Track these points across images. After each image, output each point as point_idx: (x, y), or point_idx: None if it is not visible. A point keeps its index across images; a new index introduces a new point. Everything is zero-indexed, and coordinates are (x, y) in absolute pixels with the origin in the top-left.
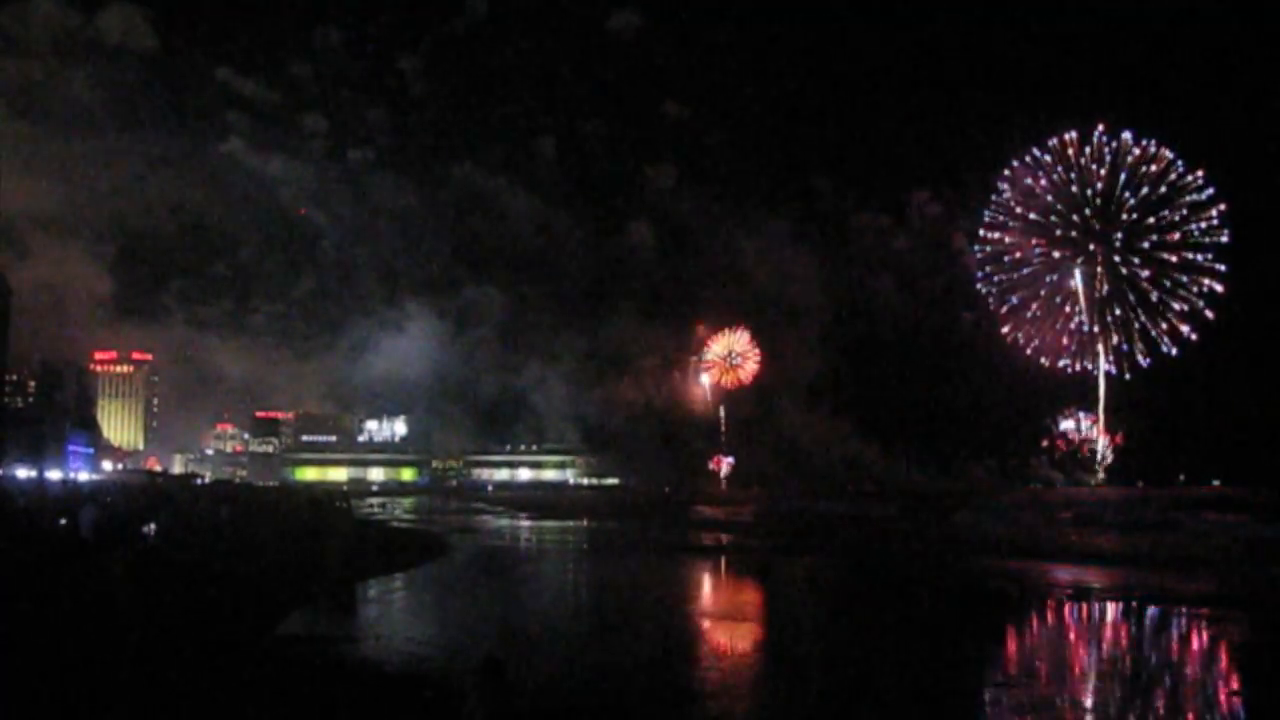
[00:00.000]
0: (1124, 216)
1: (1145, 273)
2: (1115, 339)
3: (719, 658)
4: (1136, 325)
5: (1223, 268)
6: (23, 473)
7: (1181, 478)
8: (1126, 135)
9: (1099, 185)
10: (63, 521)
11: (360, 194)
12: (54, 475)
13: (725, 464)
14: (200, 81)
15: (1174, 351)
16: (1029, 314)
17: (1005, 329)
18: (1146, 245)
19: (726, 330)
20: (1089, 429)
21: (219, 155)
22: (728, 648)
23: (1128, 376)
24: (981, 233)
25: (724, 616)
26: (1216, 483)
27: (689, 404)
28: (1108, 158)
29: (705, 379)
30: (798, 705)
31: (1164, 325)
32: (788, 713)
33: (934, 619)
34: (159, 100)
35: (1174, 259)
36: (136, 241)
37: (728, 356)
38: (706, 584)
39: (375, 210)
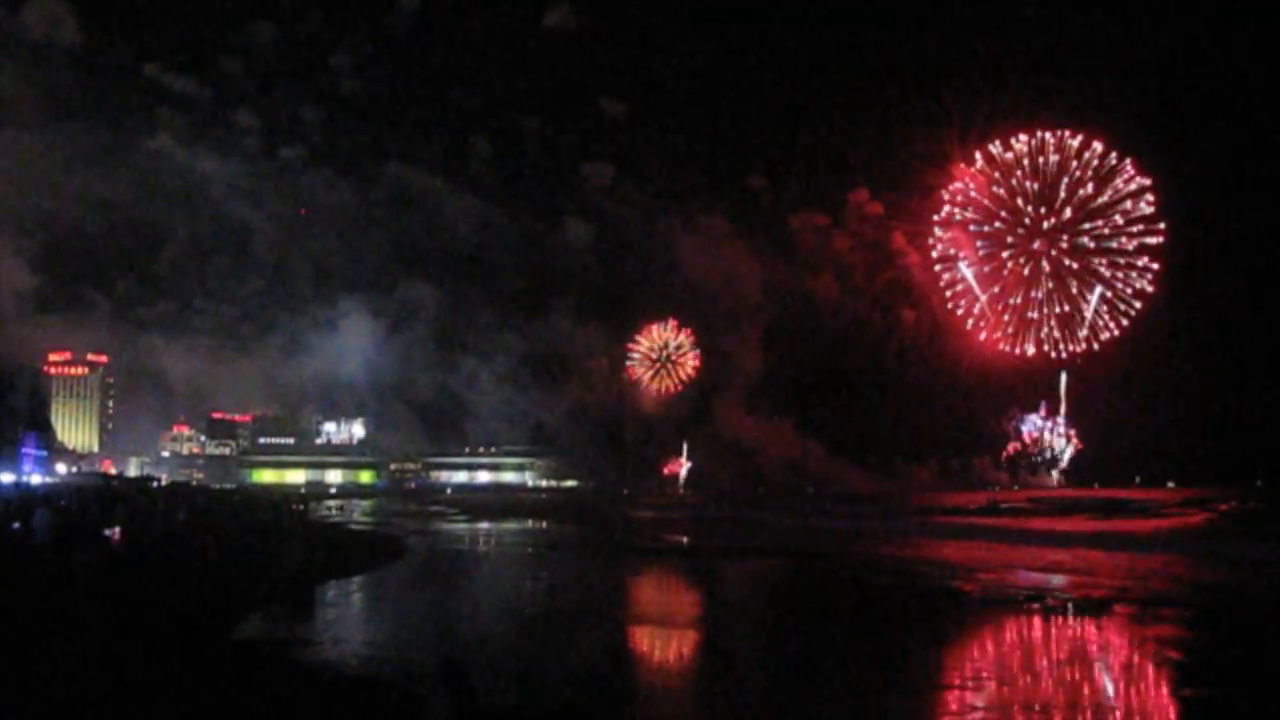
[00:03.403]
0: (1065, 213)
1: (1095, 262)
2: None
3: (672, 656)
4: (1082, 319)
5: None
6: None
7: (1137, 479)
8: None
9: (1036, 185)
10: (16, 526)
11: (294, 192)
12: (6, 478)
13: (681, 467)
14: (128, 77)
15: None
16: (976, 309)
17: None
18: (1088, 241)
19: (658, 324)
20: (1039, 430)
21: (148, 152)
22: (678, 647)
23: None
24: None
25: (669, 617)
26: (1172, 484)
27: (636, 405)
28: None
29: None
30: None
31: (1105, 320)
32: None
33: None
34: (86, 96)
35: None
36: (70, 240)
37: (662, 352)
38: (653, 585)
39: (310, 208)
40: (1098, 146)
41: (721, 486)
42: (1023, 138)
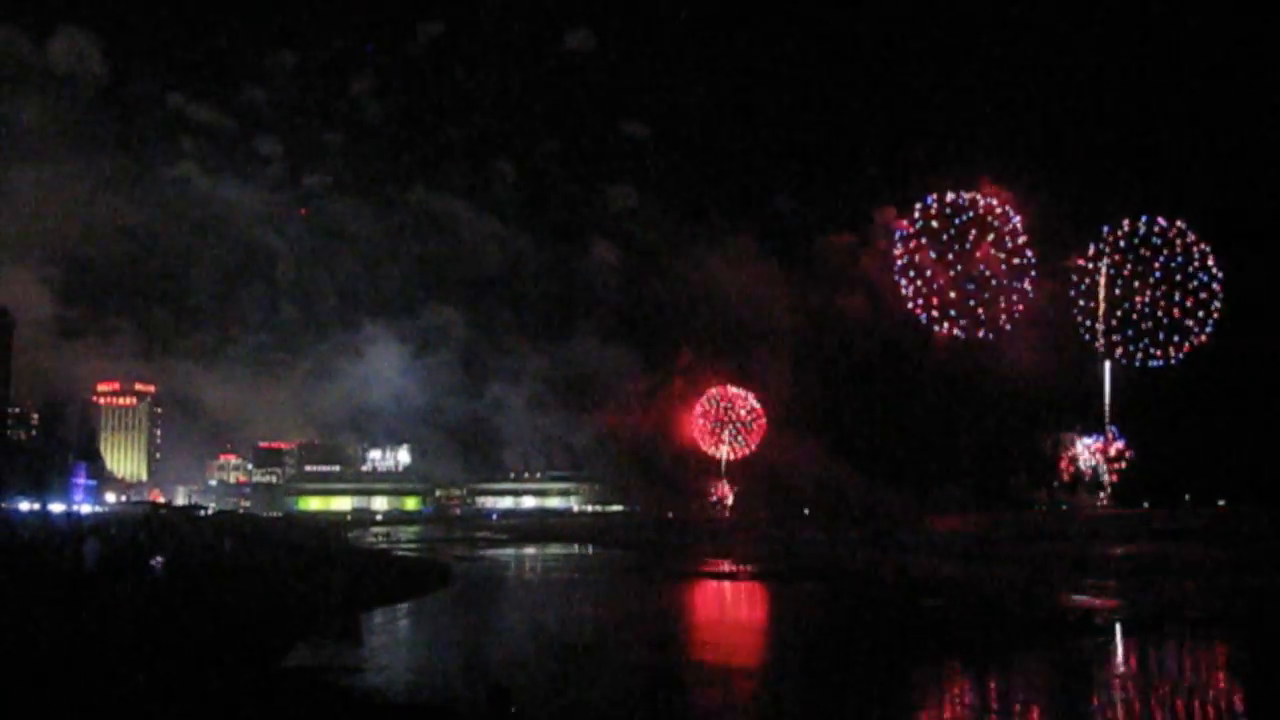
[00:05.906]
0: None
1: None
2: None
3: (711, 688)
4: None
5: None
6: (25, 506)
7: (1187, 498)
8: None
9: None
10: (66, 554)
11: (318, 218)
12: (56, 508)
13: (723, 492)
14: (153, 107)
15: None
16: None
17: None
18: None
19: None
20: (1083, 450)
21: (172, 181)
22: (718, 678)
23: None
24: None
25: (712, 645)
26: (1222, 503)
27: (681, 434)
28: None
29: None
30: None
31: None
32: None
33: None
34: (112, 127)
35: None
36: (106, 271)
37: (728, 413)
38: (696, 613)
39: (333, 234)
40: None
41: (765, 511)
42: None
